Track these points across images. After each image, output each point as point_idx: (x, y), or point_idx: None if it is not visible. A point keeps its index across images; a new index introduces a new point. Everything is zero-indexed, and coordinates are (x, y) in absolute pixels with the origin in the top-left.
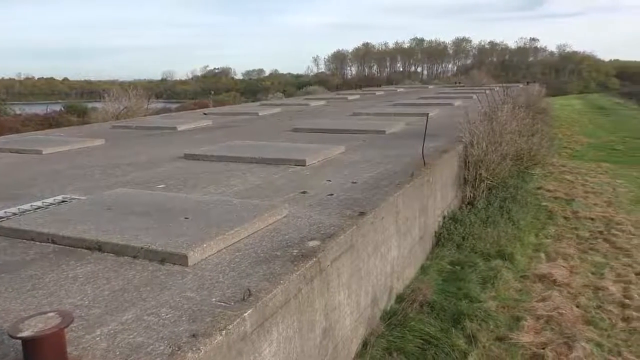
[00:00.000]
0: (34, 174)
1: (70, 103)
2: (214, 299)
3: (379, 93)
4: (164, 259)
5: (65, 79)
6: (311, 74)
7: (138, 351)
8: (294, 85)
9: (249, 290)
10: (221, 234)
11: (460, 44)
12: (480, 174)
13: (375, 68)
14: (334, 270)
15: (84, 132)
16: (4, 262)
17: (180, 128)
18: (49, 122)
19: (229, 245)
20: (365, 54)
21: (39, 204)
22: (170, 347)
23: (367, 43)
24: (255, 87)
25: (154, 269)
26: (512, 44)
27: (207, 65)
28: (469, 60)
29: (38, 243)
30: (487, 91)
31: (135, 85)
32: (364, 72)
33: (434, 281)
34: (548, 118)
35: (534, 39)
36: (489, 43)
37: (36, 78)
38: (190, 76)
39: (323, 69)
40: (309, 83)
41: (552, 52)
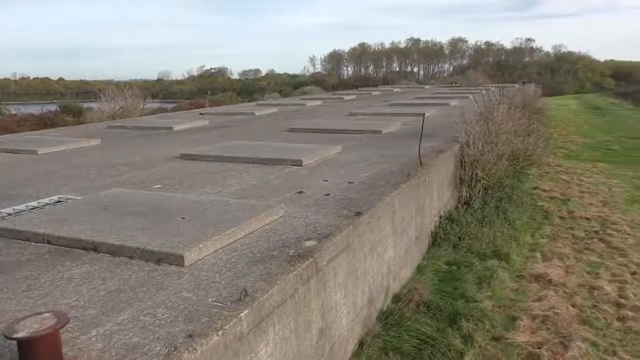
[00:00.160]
0: (30, 174)
1: (65, 103)
2: (210, 299)
3: (375, 93)
4: (160, 259)
5: (61, 79)
6: (307, 74)
7: (134, 352)
8: (290, 85)
9: (245, 290)
10: (217, 234)
11: (456, 44)
12: (477, 174)
13: (371, 68)
14: (330, 270)
15: (80, 132)
16: None
17: (176, 128)
18: (44, 122)
19: (226, 246)
20: (361, 54)
21: (34, 204)
22: (166, 348)
23: (364, 43)
24: (252, 87)
25: (150, 269)
26: (508, 44)
27: (204, 65)
28: (465, 60)
29: (33, 243)
30: (483, 91)
31: (131, 85)
32: (360, 72)
33: (430, 281)
34: (544, 118)
35: (529, 39)
36: (485, 43)
37: (31, 78)
38: (186, 76)
39: (319, 69)
40: (305, 83)
41: (548, 53)
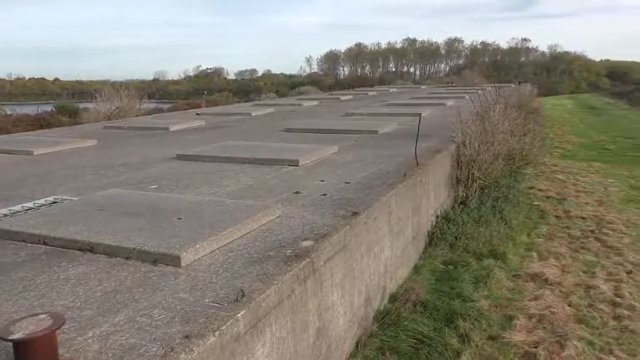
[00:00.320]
0: (25, 174)
1: (61, 103)
2: (207, 300)
3: (372, 93)
4: (156, 260)
5: (57, 79)
6: (304, 74)
7: (130, 353)
8: (286, 86)
9: (242, 291)
10: (214, 235)
11: (452, 44)
12: (473, 174)
13: (367, 68)
14: (327, 270)
15: (76, 133)
16: None
17: (172, 128)
18: (40, 123)
19: (222, 246)
20: (357, 54)
21: (30, 205)
22: (163, 349)
23: (360, 43)
24: (248, 87)
25: (146, 270)
26: (504, 44)
27: (200, 65)
28: (461, 60)
29: (29, 244)
30: (479, 91)
31: (127, 85)
32: (357, 72)
33: (427, 281)
34: (540, 118)
35: (525, 39)
36: (481, 43)
37: (27, 78)
38: (182, 76)
39: (316, 69)
40: (301, 83)
41: (544, 53)
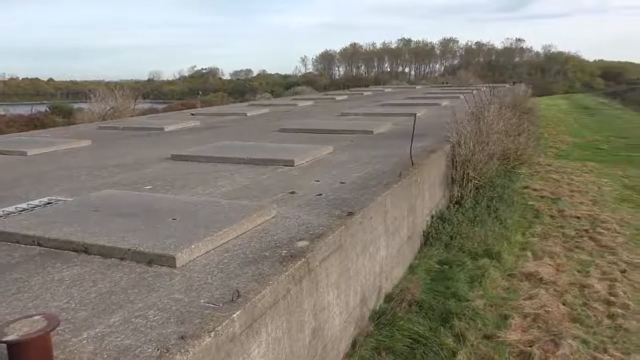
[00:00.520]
0: (19, 175)
1: (55, 104)
2: (202, 301)
3: (367, 93)
4: (151, 260)
5: (51, 80)
6: (299, 74)
7: (126, 354)
8: (281, 86)
9: (237, 291)
10: (209, 235)
11: (447, 45)
12: (468, 174)
13: (363, 68)
14: (322, 270)
15: (70, 133)
16: None
17: (167, 129)
18: (33, 123)
19: (218, 247)
20: (352, 54)
21: (23, 206)
22: (158, 350)
23: (355, 43)
24: (243, 88)
25: (141, 270)
26: (499, 45)
27: (195, 66)
28: (456, 60)
29: (23, 246)
30: (474, 91)
31: (121, 85)
32: (352, 73)
33: (422, 280)
34: (534, 118)
35: (519, 40)
36: (475, 43)
37: (20, 78)
38: (177, 76)
39: (311, 69)
40: (296, 83)
41: (538, 53)
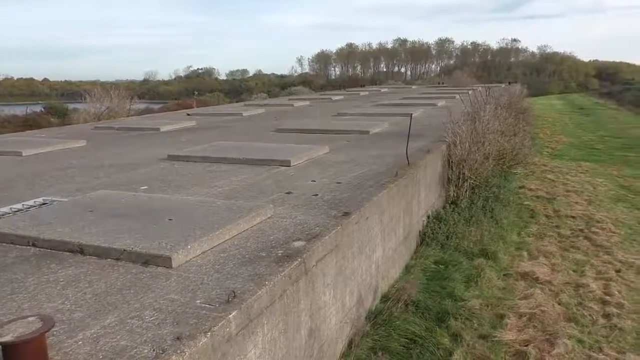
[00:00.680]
0: (14, 175)
1: (50, 104)
2: (198, 301)
3: (363, 93)
4: (147, 261)
5: (45, 80)
6: (295, 74)
7: (121, 355)
8: (278, 86)
9: (233, 291)
10: (205, 235)
11: (443, 45)
12: (464, 174)
13: (359, 68)
14: (319, 270)
15: (65, 133)
16: None
17: (163, 129)
18: (28, 123)
19: (214, 247)
20: (349, 54)
21: (18, 206)
22: (154, 350)
23: (351, 43)
24: (239, 88)
25: (137, 271)
26: (494, 45)
27: (191, 66)
28: (451, 60)
29: (18, 246)
30: (470, 91)
31: (117, 85)
32: (348, 73)
33: (418, 280)
34: (529, 118)
35: (515, 40)
36: (471, 44)
37: (15, 78)
38: (173, 76)
39: (307, 69)
40: (293, 83)
41: (533, 53)
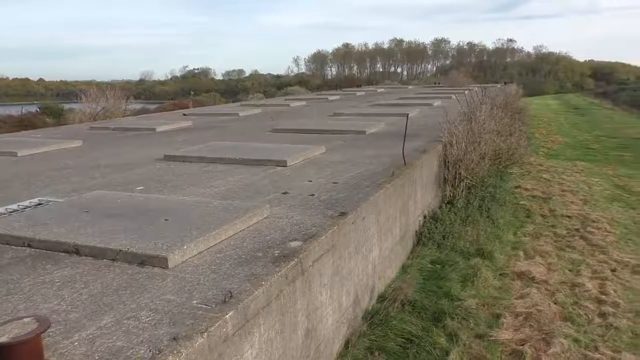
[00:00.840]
0: (9, 176)
1: (46, 104)
2: (194, 302)
3: (360, 93)
4: (143, 261)
5: (41, 80)
6: (291, 74)
7: (117, 355)
8: (274, 86)
9: (230, 292)
10: (202, 236)
11: (439, 45)
12: (460, 174)
13: (355, 68)
14: (315, 270)
15: (61, 134)
16: None
17: (159, 129)
18: (24, 124)
19: (210, 247)
20: (345, 54)
21: (14, 207)
22: (150, 351)
23: (347, 44)
24: (235, 88)
25: (133, 271)
26: (490, 45)
27: (187, 66)
28: (448, 60)
29: (14, 247)
30: (466, 92)
31: (113, 85)
32: (344, 73)
33: (415, 280)
34: (525, 118)
35: (511, 40)
36: (467, 44)
37: (10, 79)
38: (169, 77)
39: (303, 69)
40: (289, 84)
41: (529, 53)
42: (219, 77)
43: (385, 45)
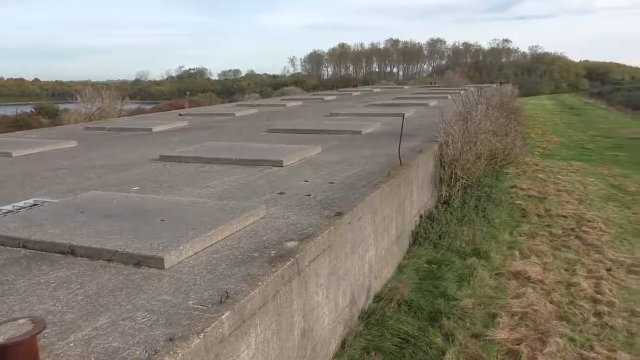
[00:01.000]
0: (4, 176)
1: (41, 104)
2: (191, 302)
3: (356, 93)
4: (139, 262)
5: (36, 80)
6: (287, 74)
7: (113, 356)
8: (270, 86)
9: (226, 292)
10: (198, 236)
11: (435, 45)
12: (456, 173)
13: (351, 69)
14: (312, 270)
15: (56, 134)
16: None
17: (155, 129)
18: (19, 124)
19: (206, 247)
20: (341, 54)
21: (9, 207)
22: (146, 352)
23: (343, 44)
24: (232, 88)
25: (129, 272)
26: (486, 45)
27: (182, 66)
28: (443, 61)
29: (9, 248)
30: (462, 92)
31: (108, 85)
32: (341, 73)
33: (411, 280)
34: (521, 118)
35: (506, 40)
36: (463, 44)
37: (5, 79)
38: (165, 77)
39: (299, 69)
40: (285, 84)
41: (525, 53)
42: (215, 77)
43: (381, 46)
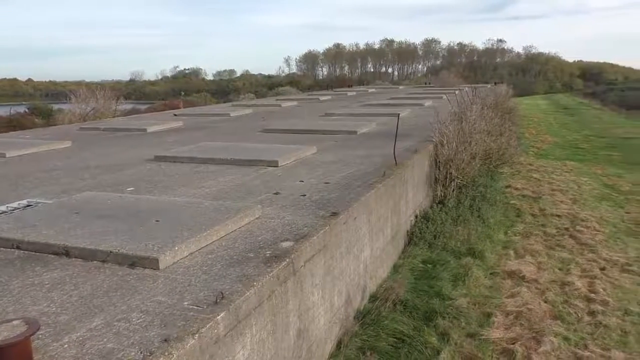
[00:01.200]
0: None
1: (35, 104)
2: (186, 303)
3: (351, 94)
4: (134, 262)
5: (30, 80)
6: (283, 74)
7: (108, 357)
8: (265, 86)
9: (221, 293)
10: (193, 237)
11: (429, 45)
12: (451, 173)
13: (346, 69)
14: (307, 271)
15: (50, 134)
16: None
17: (150, 130)
18: (12, 124)
19: (201, 248)
20: (336, 54)
21: (3, 208)
22: (141, 353)
23: (338, 44)
24: (226, 88)
25: (124, 273)
26: (480, 45)
27: (177, 66)
28: (438, 61)
29: (2, 249)
30: (457, 92)
31: (102, 86)
32: (336, 73)
33: (406, 280)
34: (515, 118)
35: (501, 41)
36: (457, 44)
37: None
38: (159, 77)
39: (294, 69)
40: (280, 84)
41: (519, 53)
42: (209, 78)
43: (376, 46)
